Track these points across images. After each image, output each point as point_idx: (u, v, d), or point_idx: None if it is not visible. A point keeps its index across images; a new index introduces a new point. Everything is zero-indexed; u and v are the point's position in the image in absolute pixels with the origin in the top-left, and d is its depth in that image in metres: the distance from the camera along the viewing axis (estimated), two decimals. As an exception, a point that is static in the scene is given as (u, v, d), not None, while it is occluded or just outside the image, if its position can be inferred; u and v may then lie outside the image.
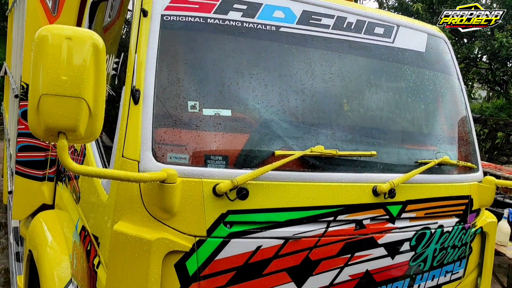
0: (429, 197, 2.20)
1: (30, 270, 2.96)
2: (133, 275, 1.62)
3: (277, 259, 1.83)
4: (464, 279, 2.40)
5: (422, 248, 2.18)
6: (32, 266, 2.84)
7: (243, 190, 1.74)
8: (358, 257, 2.01)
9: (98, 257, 1.92)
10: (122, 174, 1.46)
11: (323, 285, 1.95)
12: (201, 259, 1.70)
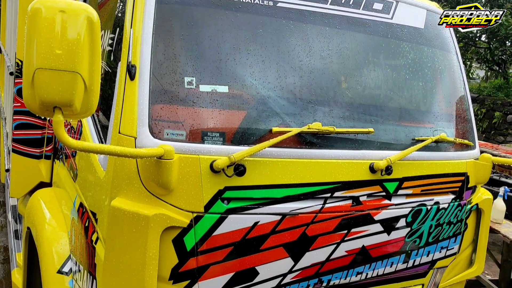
0: (425, 174, 2.21)
1: (29, 247, 2.98)
2: (131, 250, 1.63)
3: (274, 235, 1.85)
4: (459, 255, 2.43)
5: (418, 225, 2.20)
6: (31, 243, 2.86)
7: (241, 167, 1.75)
8: (354, 233, 2.03)
9: (96, 233, 1.93)
10: (119, 150, 1.45)
11: (319, 261, 1.97)
12: (198, 234, 1.71)
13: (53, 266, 2.38)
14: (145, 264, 1.61)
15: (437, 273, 2.40)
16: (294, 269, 1.92)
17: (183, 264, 1.70)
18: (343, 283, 2.07)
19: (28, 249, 2.99)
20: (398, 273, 2.22)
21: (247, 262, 1.82)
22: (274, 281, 1.89)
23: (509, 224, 4.64)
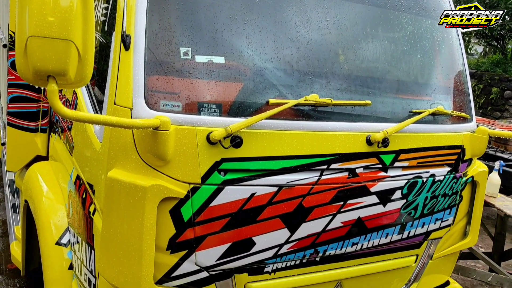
0: (422, 147, 2.21)
1: (27, 220, 3.00)
2: (129, 221, 1.64)
3: (270, 206, 1.86)
4: (453, 226, 2.46)
5: (414, 196, 2.22)
6: (29, 216, 2.88)
7: (237, 138, 1.74)
8: (350, 204, 2.04)
9: (93, 204, 1.93)
10: (115, 120, 1.44)
11: (315, 231, 1.99)
12: (195, 205, 1.72)
13: (52, 238, 2.40)
14: (143, 234, 1.62)
15: (431, 244, 2.43)
16: (290, 240, 1.94)
17: (180, 235, 1.72)
18: (339, 254, 2.10)
19: (26, 222, 3.01)
20: (393, 244, 2.25)
21: (244, 233, 1.84)
22: (270, 251, 1.91)
23: (504, 198, 4.68)
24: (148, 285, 1.66)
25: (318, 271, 2.10)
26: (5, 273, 4.10)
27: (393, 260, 2.33)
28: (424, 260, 2.46)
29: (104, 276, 1.75)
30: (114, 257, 1.69)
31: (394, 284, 2.41)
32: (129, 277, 1.66)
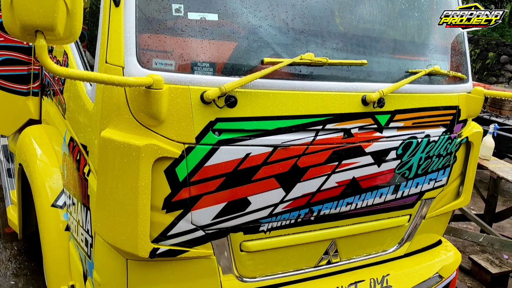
0: (417, 107, 2.20)
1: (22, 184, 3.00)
2: (124, 181, 1.64)
3: (266, 166, 1.86)
4: (447, 186, 2.48)
5: (408, 157, 2.22)
6: (24, 180, 2.88)
7: (231, 98, 1.72)
8: (345, 164, 2.05)
9: (88, 165, 1.93)
10: (106, 77, 1.41)
11: (310, 191, 2.00)
12: (190, 165, 1.71)
13: (47, 200, 2.41)
14: (138, 194, 1.62)
15: (424, 204, 2.46)
16: (285, 199, 1.95)
17: (175, 194, 1.72)
18: (333, 213, 2.12)
19: (21, 186, 3.01)
20: (387, 203, 2.27)
21: (239, 193, 1.84)
22: (265, 211, 1.93)
23: (497, 161, 4.73)
24: (145, 243, 1.68)
25: (312, 230, 2.13)
26: (3, 237, 4.14)
27: (386, 220, 2.36)
28: (417, 220, 2.49)
29: (100, 235, 1.77)
30: (110, 216, 1.70)
31: (387, 243, 2.45)
32: (125, 235, 1.67)
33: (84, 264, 2.10)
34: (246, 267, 2.03)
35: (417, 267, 2.51)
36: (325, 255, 2.24)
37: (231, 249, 1.95)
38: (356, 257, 2.37)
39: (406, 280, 2.42)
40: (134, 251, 1.68)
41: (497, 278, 4.21)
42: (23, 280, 3.56)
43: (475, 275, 4.36)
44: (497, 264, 4.28)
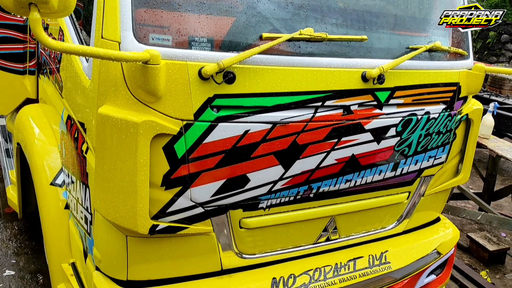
0: (417, 84, 2.18)
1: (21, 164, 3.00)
2: (122, 157, 1.63)
3: (264, 143, 1.85)
4: (446, 164, 2.48)
5: (408, 134, 2.21)
6: (23, 160, 2.87)
7: (230, 74, 1.70)
8: (344, 142, 2.04)
9: (86, 143, 1.92)
10: (102, 52, 1.39)
11: (309, 168, 2.00)
12: (189, 142, 1.70)
13: (46, 179, 2.41)
14: (136, 171, 1.61)
15: (423, 182, 2.46)
16: (284, 177, 1.95)
17: (174, 171, 1.71)
18: (332, 190, 2.12)
19: (20, 165, 3.01)
20: (386, 181, 2.27)
21: (238, 170, 1.84)
22: (264, 188, 1.92)
23: (496, 140, 4.73)
24: (144, 220, 1.68)
25: (311, 207, 2.13)
26: (3, 217, 4.16)
27: (385, 197, 2.36)
28: (416, 197, 2.49)
29: (100, 212, 1.77)
30: (109, 193, 1.69)
31: (386, 220, 2.46)
32: (124, 212, 1.67)
33: (84, 242, 2.11)
34: (245, 244, 2.04)
35: (416, 244, 2.53)
36: (324, 232, 2.25)
37: (230, 226, 1.96)
38: (355, 234, 2.38)
39: (405, 257, 2.44)
40: (134, 227, 1.68)
41: (495, 255, 4.26)
42: (24, 259, 3.59)
43: (473, 252, 4.41)
44: (494, 242, 4.32)
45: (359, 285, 2.29)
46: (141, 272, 1.89)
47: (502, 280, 4.09)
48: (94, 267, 1.98)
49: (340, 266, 2.25)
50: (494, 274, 4.17)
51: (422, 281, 2.58)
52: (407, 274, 2.47)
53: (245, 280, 2.04)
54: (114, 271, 1.89)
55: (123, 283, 1.89)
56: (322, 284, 2.15)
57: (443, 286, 2.81)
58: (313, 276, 2.16)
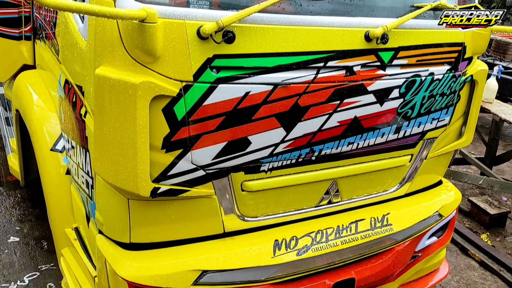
0: (422, 44, 2.13)
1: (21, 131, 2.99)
2: (121, 119, 1.60)
3: (266, 105, 1.82)
4: (449, 126, 2.45)
5: (411, 96, 2.18)
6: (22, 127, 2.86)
7: (229, 33, 1.65)
8: (347, 103, 2.01)
9: (84, 107, 1.89)
10: (97, 9, 1.34)
11: (311, 131, 1.97)
12: (189, 104, 1.67)
13: (46, 145, 2.39)
14: (136, 133, 1.59)
15: (426, 144, 2.44)
16: (286, 139, 1.93)
17: (174, 134, 1.69)
18: (334, 153, 2.10)
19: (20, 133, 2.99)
20: (388, 143, 2.25)
21: (239, 132, 1.82)
22: (266, 151, 1.91)
23: (500, 104, 4.69)
24: (145, 183, 1.67)
25: (313, 170, 2.12)
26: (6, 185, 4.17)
27: (388, 160, 2.34)
28: (419, 160, 2.48)
29: (100, 175, 1.76)
30: (109, 156, 1.68)
31: (388, 183, 2.45)
32: (125, 175, 1.66)
33: (86, 206, 2.11)
34: (247, 207, 2.04)
35: (417, 206, 2.53)
36: (326, 195, 2.25)
37: (232, 189, 1.95)
38: (356, 197, 2.38)
39: (406, 219, 2.44)
40: (135, 190, 1.67)
41: (496, 219, 4.29)
42: (28, 226, 3.63)
43: (474, 216, 4.44)
44: (496, 205, 4.34)
45: (360, 246, 2.30)
46: (144, 234, 1.90)
47: (503, 243, 4.13)
48: (97, 231, 1.99)
49: (342, 228, 2.26)
50: (495, 237, 4.21)
51: (424, 243, 2.60)
52: (409, 236, 2.48)
53: (248, 242, 2.05)
54: (117, 234, 1.90)
55: (127, 245, 1.90)
56: (324, 246, 2.16)
57: (444, 248, 2.83)
58: (315, 238, 2.16)
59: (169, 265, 1.87)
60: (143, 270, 1.83)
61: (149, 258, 1.88)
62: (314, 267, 2.21)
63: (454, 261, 3.78)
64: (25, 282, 3.02)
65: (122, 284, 1.83)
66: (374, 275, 2.38)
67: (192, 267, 1.89)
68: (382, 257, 2.43)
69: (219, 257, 1.95)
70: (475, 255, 3.81)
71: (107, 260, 1.88)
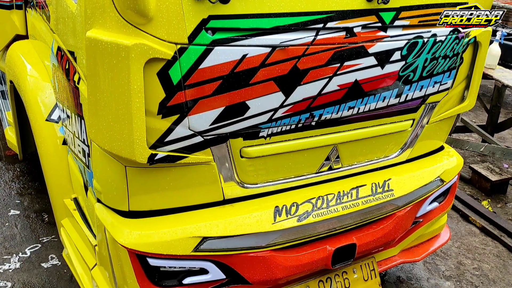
0: (424, 3, 2.05)
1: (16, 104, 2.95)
2: (115, 84, 1.56)
3: (264, 68, 1.77)
4: (452, 90, 2.40)
5: (413, 58, 2.12)
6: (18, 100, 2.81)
7: None
8: (347, 66, 1.95)
9: (77, 73, 1.84)
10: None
11: (311, 95, 1.93)
12: (184, 67, 1.63)
13: (41, 115, 2.36)
14: (131, 97, 1.55)
15: (428, 109, 2.39)
16: (285, 104, 1.89)
17: (170, 98, 1.65)
18: (335, 118, 2.06)
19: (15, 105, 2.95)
20: (389, 108, 2.21)
21: (237, 97, 1.77)
22: (265, 116, 1.87)
23: (502, 69, 4.62)
24: (142, 149, 1.63)
25: (313, 135, 2.08)
26: (5, 159, 4.15)
27: (389, 125, 2.31)
28: (420, 125, 2.44)
29: (96, 142, 1.72)
30: (104, 122, 1.64)
31: (389, 148, 2.42)
32: (121, 141, 1.63)
33: (84, 175, 2.09)
34: (247, 174, 2.01)
35: (419, 172, 2.50)
36: (327, 161, 2.22)
37: (231, 155, 1.92)
38: (357, 163, 2.35)
39: (408, 184, 2.42)
40: (131, 156, 1.64)
41: (497, 185, 4.28)
42: (28, 199, 3.63)
43: (475, 183, 4.43)
44: (497, 172, 4.33)
45: (361, 212, 2.29)
46: (143, 202, 1.88)
47: (504, 209, 4.13)
48: (96, 200, 1.97)
49: (343, 194, 2.24)
50: (496, 203, 4.21)
51: (425, 208, 2.59)
52: (410, 202, 2.46)
53: (248, 209, 2.03)
54: (115, 202, 1.88)
55: (126, 213, 1.88)
56: (324, 212, 2.15)
57: (445, 214, 2.82)
58: (316, 204, 2.15)
59: (169, 232, 1.85)
60: (143, 238, 1.81)
61: (148, 225, 1.87)
62: (315, 233, 2.20)
63: (455, 227, 3.79)
64: (27, 254, 3.03)
65: (122, 252, 1.82)
66: (375, 240, 2.38)
67: (192, 234, 1.88)
68: (383, 223, 2.42)
69: (219, 224, 1.94)
70: (476, 221, 3.82)
71: (106, 228, 1.86)
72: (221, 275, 2.02)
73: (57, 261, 2.94)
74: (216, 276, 2.01)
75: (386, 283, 3.07)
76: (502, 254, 3.49)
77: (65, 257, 2.47)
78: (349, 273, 2.47)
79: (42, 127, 2.33)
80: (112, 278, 1.97)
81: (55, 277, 2.81)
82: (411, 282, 3.11)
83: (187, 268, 1.96)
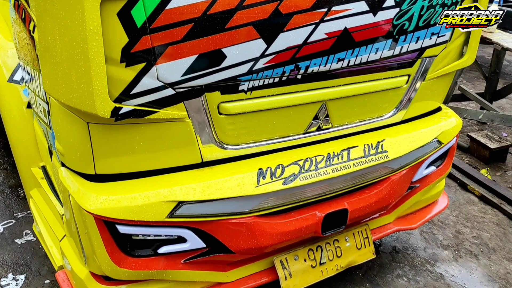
0: None
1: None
2: (68, 24, 1.36)
3: (241, 11, 1.58)
4: (450, 43, 2.21)
5: (408, 5, 1.93)
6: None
7: None
8: (335, 12, 1.76)
9: (32, 21, 1.64)
10: None
11: (295, 44, 1.74)
12: (149, 7, 1.43)
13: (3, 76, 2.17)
14: (87, 40, 1.35)
15: (425, 63, 2.20)
16: (266, 53, 1.70)
17: (134, 44, 1.45)
18: (323, 71, 1.88)
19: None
20: (383, 61, 2.02)
21: (211, 43, 1.58)
22: (244, 66, 1.68)
23: (502, 33, 4.42)
24: (103, 101, 1.45)
25: (300, 91, 1.90)
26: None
27: (382, 80, 2.12)
28: (416, 82, 2.25)
29: (51, 94, 1.53)
30: (59, 70, 1.44)
31: (383, 107, 2.24)
32: (79, 92, 1.44)
33: (47, 138, 1.90)
34: (226, 133, 1.83)
35: (415, 133, 2.33)
36: (315, 120, 2.04)
37: (208, 111, 1.73)
38: (349, 123, 2.17)
39: (403, 145, 2.25)
40: (92, 110, 1.45)
41: (496, 153, 4.13)
42: (3, 174, 3.44)
43: (473, 152, 4.27)
44: (496, 140, 4.17)
45: (353, 175, 2.12)
46: (111, 164, 1.70)
47: (503, 177, 3.98)
48: (60, 164, 1.78)
49: (333, 156, 2.06)
50: (495, 171, 4.06)
51: (421, 172, 2.43)
52: (406, 165, 2.30)
53: (229, 171, 1.86)
54: (80, 165, 1.70)
55: (92, 177, 1.70)
56: (313, 174, 1.98)
57: (443, 179, 2.66)
58: (303, 166, 1.97)
59: (140, 196, 1.68)
60: (110, 202, 1.64)
61: (117, 190, 1.69)
62: (303, 198, 2.04)
63: (453, 196, 3.65)
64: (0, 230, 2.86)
65: (88, 219, 1.65)
66: (368, 206, 2.22)
67: (166, 198, 1.71)
68: (377, 187, 2.25)
69: (196, 188, 1.76)
70: (475, 190, 3.67)
71: (70, 193, 1.69)
72: (201, 243, 1.86)
73: (32, 237, 2.77)
74: (195, 244, 1.85)
75: (381, 253, 2.93)
76: (502, 222, 3.35)
77: (35, 229, 2.30)
78: (341, 241, 2.32)
79: (4, 90, 2.14)
80: (81, 249, 1.80)
81: (29, 253, 2.64)
82: (407, 252, 2.97)
83: (163, 237, 1.79)
